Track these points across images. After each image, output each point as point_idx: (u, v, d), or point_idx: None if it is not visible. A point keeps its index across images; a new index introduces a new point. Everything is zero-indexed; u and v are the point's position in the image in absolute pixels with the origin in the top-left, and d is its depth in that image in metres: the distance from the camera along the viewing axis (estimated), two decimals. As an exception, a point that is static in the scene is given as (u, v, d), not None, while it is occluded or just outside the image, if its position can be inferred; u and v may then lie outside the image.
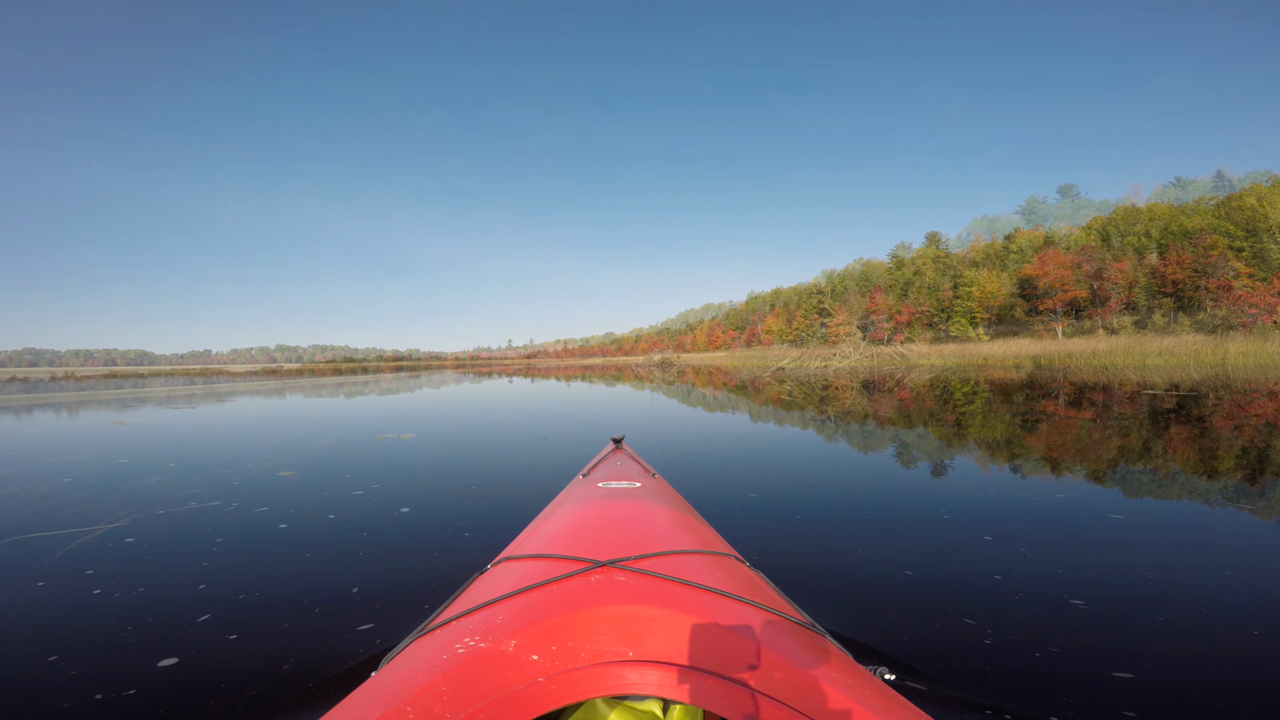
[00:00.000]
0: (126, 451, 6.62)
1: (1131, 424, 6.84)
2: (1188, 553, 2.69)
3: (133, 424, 9.95)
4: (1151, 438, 5.83)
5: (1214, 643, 1.85)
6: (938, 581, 2.35)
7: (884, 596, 2.22)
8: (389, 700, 0.93)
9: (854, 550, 2.76)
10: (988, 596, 2.18)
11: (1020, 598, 2.19)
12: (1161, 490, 3.84)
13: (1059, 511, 3.38)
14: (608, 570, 1.21)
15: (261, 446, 6.75)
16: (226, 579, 2.68)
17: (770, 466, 4.91)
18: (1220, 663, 1.73)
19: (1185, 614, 2.04)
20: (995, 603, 2.13)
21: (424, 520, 3.57)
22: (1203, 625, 1.96)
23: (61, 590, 2.61)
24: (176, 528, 3.53)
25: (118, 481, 4.96)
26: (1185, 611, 2.06)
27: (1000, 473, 4.58)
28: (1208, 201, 43.87)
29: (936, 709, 1.44)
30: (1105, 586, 2.27)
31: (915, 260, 64.23)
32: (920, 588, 2.30)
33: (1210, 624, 1.97)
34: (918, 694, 1.55)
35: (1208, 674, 1.68)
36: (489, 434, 7.59)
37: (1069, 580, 2.34)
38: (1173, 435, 5.96)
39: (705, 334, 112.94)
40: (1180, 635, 1.90)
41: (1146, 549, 2.74)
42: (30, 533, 3.52)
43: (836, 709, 0.90)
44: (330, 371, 59.22)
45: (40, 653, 2.02)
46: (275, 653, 1.95)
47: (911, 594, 2.24)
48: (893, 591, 2.27)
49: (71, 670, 1.89)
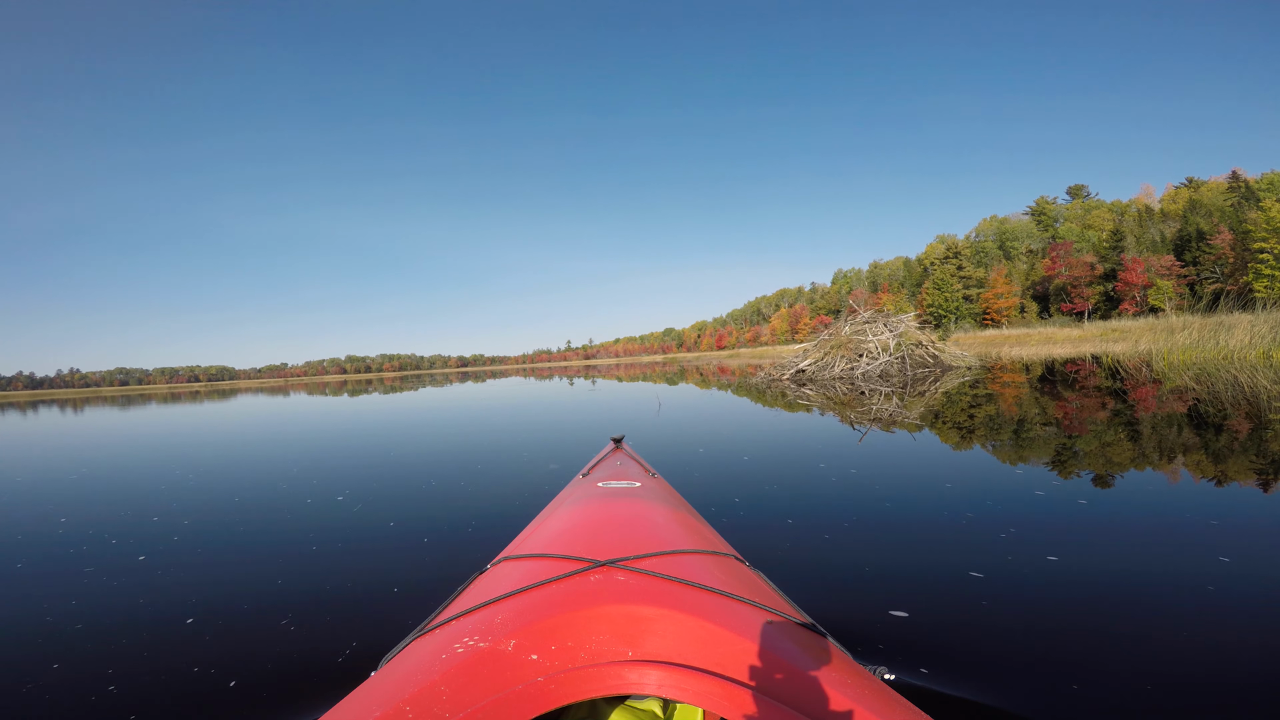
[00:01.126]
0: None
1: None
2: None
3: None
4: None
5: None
6: (940, 581, 2.29)
7: (886, 596, 2.17)
8: (388, 700, 0.93)
9: (858, 550, 2.68)
10: (990, 597, 2.11)
11: (1021, 597, 2.11)
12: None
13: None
14: (607, 570, 1.22)
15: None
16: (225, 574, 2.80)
17: (772, 465, 4.70)
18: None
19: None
20: (999, 604, 2.06)
21: (424, 520, 3.60)
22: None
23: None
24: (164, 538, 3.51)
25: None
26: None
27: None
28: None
29: (937, 709, 1.42)
30: (1121, 584, 2.17)
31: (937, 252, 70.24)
32: (922, 587, 2.25)
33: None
34: (918, 694, 1.53)
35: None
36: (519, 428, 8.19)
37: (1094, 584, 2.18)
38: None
39: (788, 321, 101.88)
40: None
41: (1123, 535, 2.63)
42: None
43: (837, 709, 0.91)
44: (458, 375, 53.38)
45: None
46: (275, 652, 1.99)
47: (913, 593, 2.19)
48: (895, 591, 2.22)
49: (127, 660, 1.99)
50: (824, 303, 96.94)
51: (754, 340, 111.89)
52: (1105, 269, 47.93)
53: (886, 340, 14.83)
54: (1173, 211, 54.10)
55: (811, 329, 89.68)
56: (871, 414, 7.33)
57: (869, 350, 14.75)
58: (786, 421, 7.35)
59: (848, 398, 9.69)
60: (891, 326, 15.23)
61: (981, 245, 74.32)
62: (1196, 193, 52.54)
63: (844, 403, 8.97)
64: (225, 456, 7.19)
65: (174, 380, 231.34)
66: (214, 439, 9.38)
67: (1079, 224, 66.22)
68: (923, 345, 15.24)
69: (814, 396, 10.33)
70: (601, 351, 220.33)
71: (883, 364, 14.31)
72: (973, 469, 4.21)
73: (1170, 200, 57.57)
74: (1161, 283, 41.73)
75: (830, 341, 15.80)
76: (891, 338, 14.84)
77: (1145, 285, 42.95)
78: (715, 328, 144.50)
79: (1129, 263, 44.14)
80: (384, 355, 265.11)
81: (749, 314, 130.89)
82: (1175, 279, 42.39)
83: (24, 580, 2.93)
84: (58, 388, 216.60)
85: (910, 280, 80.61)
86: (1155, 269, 43.24)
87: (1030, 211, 75.93)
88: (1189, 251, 43.64)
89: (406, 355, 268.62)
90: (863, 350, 14.86)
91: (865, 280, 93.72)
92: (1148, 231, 50.78)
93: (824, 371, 14.93)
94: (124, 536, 3.60)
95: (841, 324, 15.98)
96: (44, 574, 3.00)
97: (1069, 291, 49.57)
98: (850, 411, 7.84)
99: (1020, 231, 73.56)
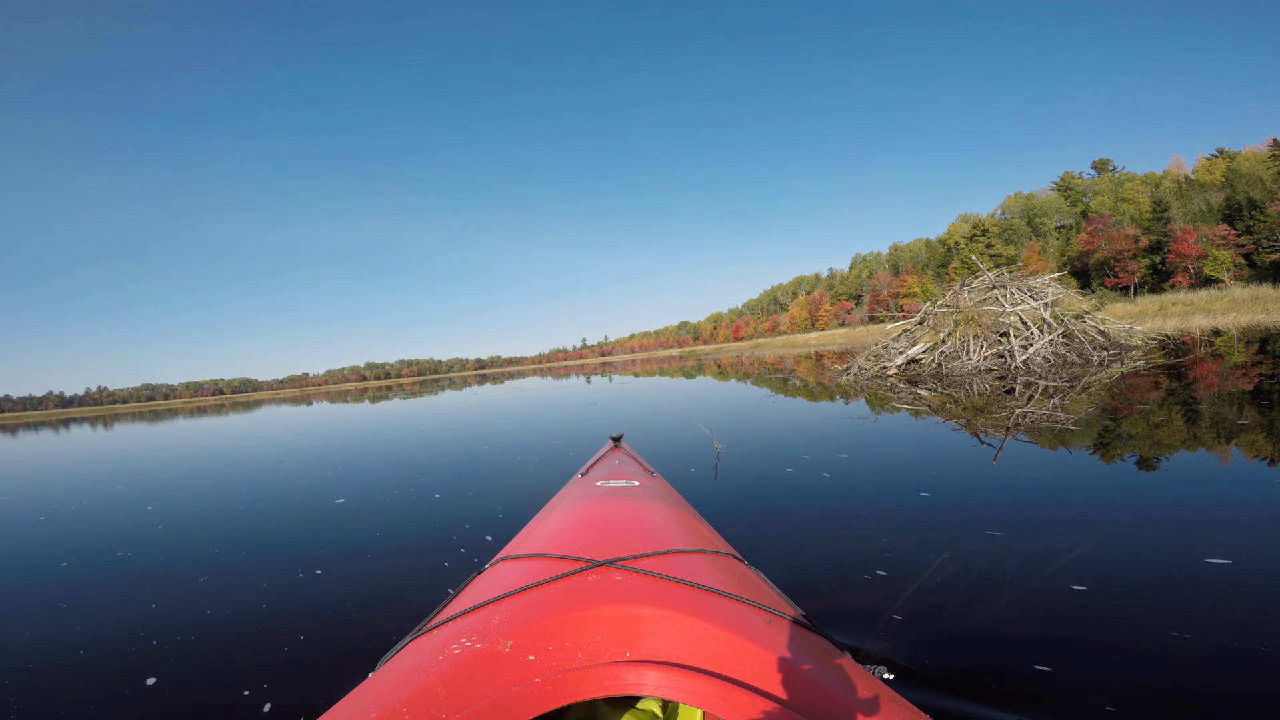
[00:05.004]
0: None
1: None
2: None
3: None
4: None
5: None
6: (940, 582, 2.20)
7: (888, 597, 2.11)
8: (385, 701, 0.93)
9: (861, 551, 2.60)
10: (992, 598, 2.06)
11: (1026, 597, 2.04)
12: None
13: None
14: (605, 570, 1.21)
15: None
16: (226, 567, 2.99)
17: (772, 464, 4.50)
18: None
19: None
20: (1003, 604, 2.01)
21: (423, 520, 3.60)
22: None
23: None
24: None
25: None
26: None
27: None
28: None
29: (936, 709, 1.42)
30: (1109, 581, 2.09)
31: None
32: (922, 588, 2.17)
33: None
34: (918, 694, 1.51)
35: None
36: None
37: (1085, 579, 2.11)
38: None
39: (807, 309, 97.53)
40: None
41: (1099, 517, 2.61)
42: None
43: (836, 709, 0.90)
44: (478, 379, 54.01)
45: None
46: (275, 652, 1.97)
47: (912, 594, 2.12)
48: (895, 592, 2.15)
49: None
50: (843, 288, 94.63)
51: (772, 330, 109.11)
52: (1151, 241, 45.88)
53: (1035, 311, 10.57)
54: (1209, 182, 52.27)
55: (833, 315, 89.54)
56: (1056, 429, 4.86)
57: (1014, 327, 10.51)
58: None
59: (985, 398, 7.02)
60: (1035, 292, 10.99)
61: (1009, 223, 72.34)
62: (1233, 163, 50.08)
63: (979, 408, 6.39)
64: (237, 468, 7.17)
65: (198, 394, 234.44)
66: (230, 454, 9.39)
67: (1111, 197, 64.33)
68: (1086, 317, 10.99)
69: (932, 397, 7.73)
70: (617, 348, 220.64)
71: (1043, 346, 10.07)
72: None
73: (1205, 171, 55.56)
74: (1219, 253, 39.71)
75: (950, 316, 11.36)
76: (1041, 307, 10.59)
77: (1199, 256, 40.86)
78: (731, 319, 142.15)
79: (1179, 233, 42.36)
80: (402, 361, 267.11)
81: (766, 303, 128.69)
82: (1232, 249, 40.26)
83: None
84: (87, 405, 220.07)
85: (934, 261, 78.83)
86: (1209, 239, 41.14)
87: (1056, 187, 74.02)
88: (1240, 221, 41.92)
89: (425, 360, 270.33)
90: (1003, 327, 10.64)
91: (885, 263, 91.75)
92: (1192, 202, 48.85)
93: (956, 361, 10.67)
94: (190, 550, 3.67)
95: (959, 291, 11.79)
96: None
97: (1112, 265, 47.65)
98: (1006, 420, 5.42)
99: (1048, 207, 71.66)
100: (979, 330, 10.80)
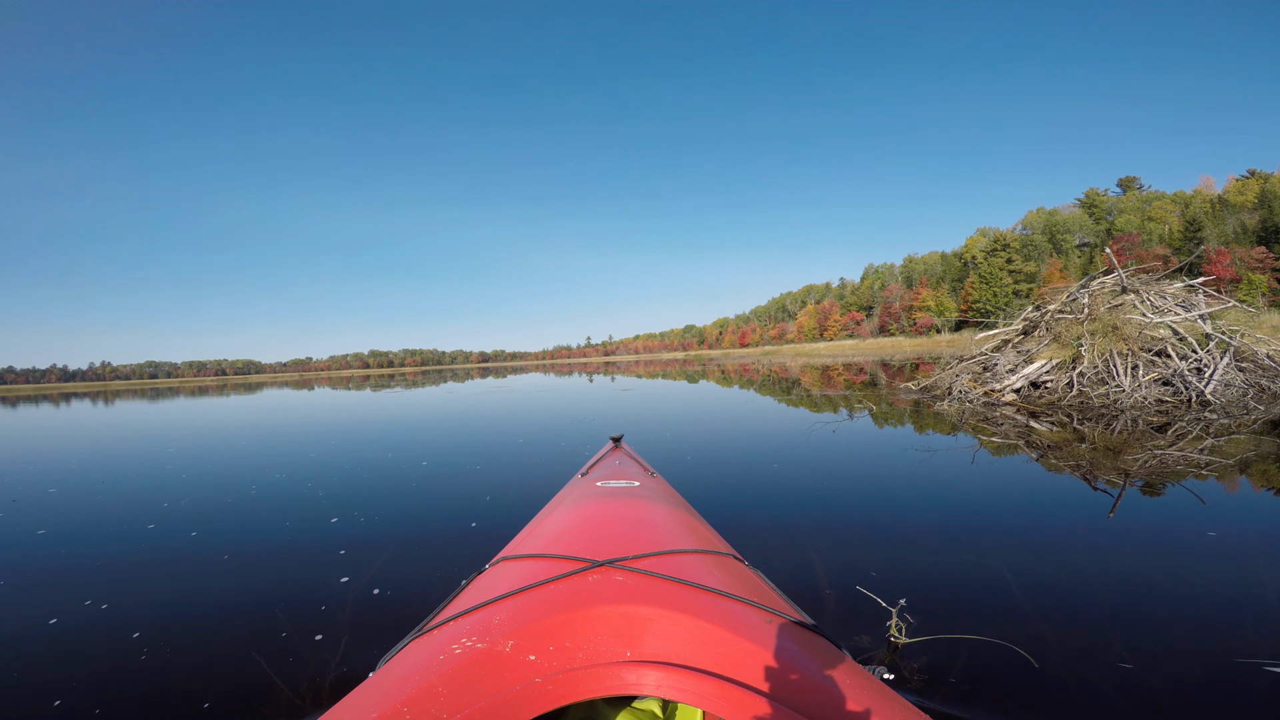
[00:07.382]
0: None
1: None
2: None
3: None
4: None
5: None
6: (941, 581, 2.25)
7: (888, 597, 2.07)
8: (386, 701, 0.92)
9: (863, 551, 2.62)
10: (994, 599, 2.09)
11: (1027, 599, 2.06)
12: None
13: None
14: (606, 570, 1.21)
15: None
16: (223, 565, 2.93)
17: (773, 462, 4.56)
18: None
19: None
20: (1004, 606, 2.03)
21: (423, 520, 3.59)
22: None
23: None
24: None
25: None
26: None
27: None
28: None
29: (936, 709, 1.43)
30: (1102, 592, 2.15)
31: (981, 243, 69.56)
32: (924, 587, 2.20)
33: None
34: (917, 694, 1.52)
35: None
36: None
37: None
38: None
39: (816, 319, 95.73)
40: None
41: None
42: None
43: (836, 709, 0.90)
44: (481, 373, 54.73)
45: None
46: (274, 652, 1.97)
47: (915, 593, 2.13)
48: (897, 592, 2.13)
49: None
50: (855, 299, 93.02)
51: (779, 338, 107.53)
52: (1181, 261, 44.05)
53: (1194, 324, 7.79)
54: (1240, 203, 50.94)
55: (843, 325, 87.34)
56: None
57: (1170, 343, 7.65)
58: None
59: (1122, 437, 5.25)
60: (1185, 302, 8.25)
61: (1030, 239, 70.84)
62: (1267, 184, 48.56)
63: (1112, 449, 4.79)
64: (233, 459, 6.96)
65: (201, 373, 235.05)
66: (229, 453, 8.63)
67: (1138, 215, 62.85)
68: (1249, 337, 7.90)
69: (1054, 433, 5.68)
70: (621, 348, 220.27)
71: (1227, 371, 7.28)
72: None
73: (1237, 191, 54.18)
74: (1255, 277, 38.18)
75: (1083, 325, 8.27)
76: (1199, 319, 7.82)
77: (1233, 279, 39.21)
78: (738, 324, 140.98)
79: (1213, 255, 40.82)
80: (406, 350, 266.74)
81: (773, 310, 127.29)
82: (1269, 272, 38.61)
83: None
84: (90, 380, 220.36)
85: (950, 275, 77.30)
86: (1245, 262, 39.62)
87: (1080, 203, 72.52)
88: (1278, 243, 39.95)
89: (429, 350, 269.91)
90: (1153, 343, 7.78)
91: (899, 275, 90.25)
92: (1225, 223, 47.10)
93: (1103, 386, 7.62)
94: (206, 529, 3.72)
95: (1081, 297, 8.82)
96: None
97: (1139, 286, 45.61)
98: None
99: (1071, 224, 70.24)
100: (1123, 345, 7.82)
